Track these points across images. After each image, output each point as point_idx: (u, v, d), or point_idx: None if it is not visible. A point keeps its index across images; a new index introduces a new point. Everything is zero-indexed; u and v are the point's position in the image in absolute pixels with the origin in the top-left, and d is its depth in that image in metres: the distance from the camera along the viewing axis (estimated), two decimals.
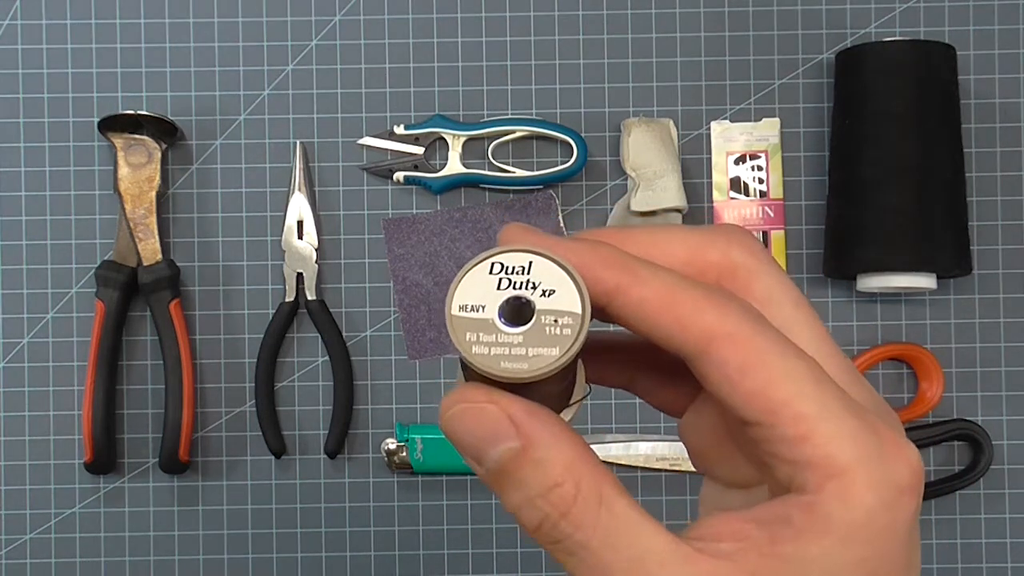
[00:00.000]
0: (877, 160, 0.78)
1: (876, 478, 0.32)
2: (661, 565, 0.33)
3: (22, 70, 0.84)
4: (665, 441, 0.83)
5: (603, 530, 0.34)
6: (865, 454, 0.32)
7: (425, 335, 0.83)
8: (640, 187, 0.82)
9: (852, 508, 0.32)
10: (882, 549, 0.32)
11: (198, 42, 0.84)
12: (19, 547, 0.83)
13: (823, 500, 0.32)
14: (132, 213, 0.82)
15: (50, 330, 0.83)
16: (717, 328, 0.32)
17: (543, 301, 0.32)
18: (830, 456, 0.31)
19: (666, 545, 0.34)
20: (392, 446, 0.82)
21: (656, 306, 0.32)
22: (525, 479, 0.32)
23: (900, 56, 0.78)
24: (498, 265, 0.33)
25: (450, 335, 0.32)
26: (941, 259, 0.78)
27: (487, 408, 0.32)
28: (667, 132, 0.83)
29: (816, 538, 0.32)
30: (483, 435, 0.32)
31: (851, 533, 0.32)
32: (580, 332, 0.32)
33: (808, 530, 0.32)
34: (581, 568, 0.33)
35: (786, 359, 0.32)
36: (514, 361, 0.32)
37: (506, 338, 0.32)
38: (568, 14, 0.84)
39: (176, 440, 0.81)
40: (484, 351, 0.32)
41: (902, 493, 0.32)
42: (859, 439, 0.32)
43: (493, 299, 0.32)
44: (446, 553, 0.83)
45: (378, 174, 0.84)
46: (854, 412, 0.32)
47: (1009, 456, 0.83)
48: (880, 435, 0.32)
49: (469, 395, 0.32)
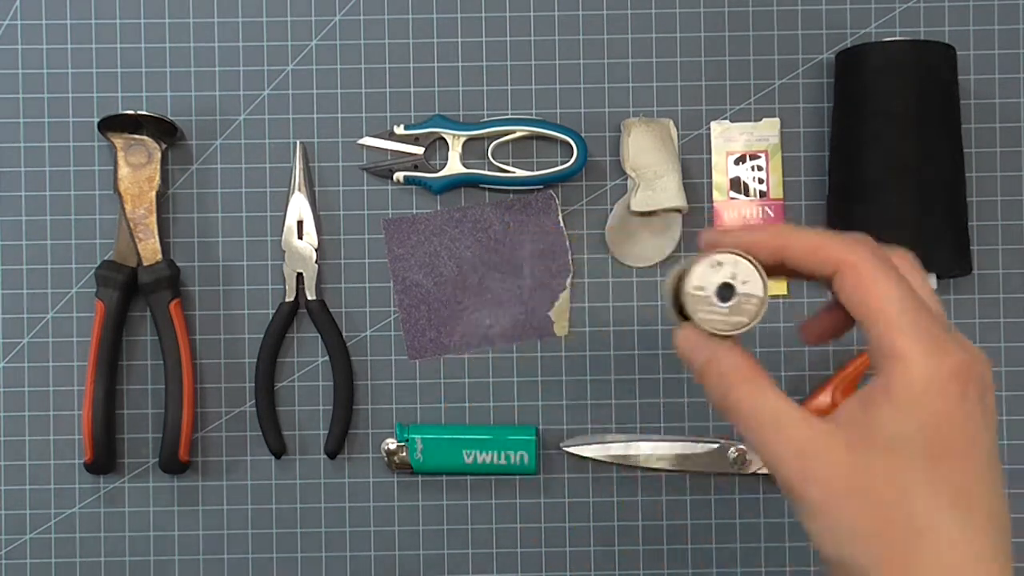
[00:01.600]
0: (877, 160, 0.78)
1: (929, 364, 0.47)
2: (790, 421, 0.50)
3: (22, 70, 0.84)
4: (665, 441, 0.83)
5: (752, 401, 0.52)
6: (922, 348, 0.47)
7: (425, 335, 0.83)
8: (640, 187, 0.82)
9: (909, 383, 0.48)
10: (938, 419, 0.47)
11: (198, 42, 0.84)
12: (19, 547, 0.83)
13: (892, 378, 0.48)
14: (132, 213, 0.82)
15: (50, 330, 0.83)
16: (843, 259, 0.51)
17: (741, 287, 0.55)
18: (899, 347, 0.48)
19: (795, 412, 0.51)
20: (392, 446, 0.82)
21: (805, 250, 0.52)
22: (711, 374, 0.54)
23: (900, 56, 0.78)
24: (716, 262, 0.56)
25: (686, 305, 0.56)
26: (941, 259, 0.78)
27: (697, 338, 0.55)
28: (667, 132, 0.83)
29: (886, 406, 0.48)
30: (694, 349, 0.55)
31: (910, 402, 0.47)
32: (761, 309, 0.55)
33: (882, 401, 0.48)
34: (740, 424, 0.52)
35: (883, 284, 0.49)
36: (721, 324, 0.56)
37: (718, 309, 0.56)
38: (568, 14, 0.84)
39: (176, 440, 0.81)
40: (705, 316, 0.56)
41: (951, 378, 0.47)
42: (921, 340, 0.47)
43: (712, 284, 0.56)
44: (446, 553, 0.83)
45: (378, 174, 0.84)
46: (923, 324, 0.48)
47: (1009, 456, 0.83)
48: (936, 340, 0.47)
49: (690, 332, 0.55)
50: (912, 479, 0.48)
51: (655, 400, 0.83)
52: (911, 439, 0.48)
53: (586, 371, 0.83)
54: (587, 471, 0.83)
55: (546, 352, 0.83)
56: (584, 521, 0.83)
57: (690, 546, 0.83)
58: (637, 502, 0.83)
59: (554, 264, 0.84)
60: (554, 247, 0.84)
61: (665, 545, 0.83)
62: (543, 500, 0.83)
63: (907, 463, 0.48)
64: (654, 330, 0.83)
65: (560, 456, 0.83)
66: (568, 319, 0.84)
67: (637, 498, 0.83)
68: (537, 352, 0.83)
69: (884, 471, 0.48)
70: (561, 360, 0.83)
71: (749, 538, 0.83)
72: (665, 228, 0.83)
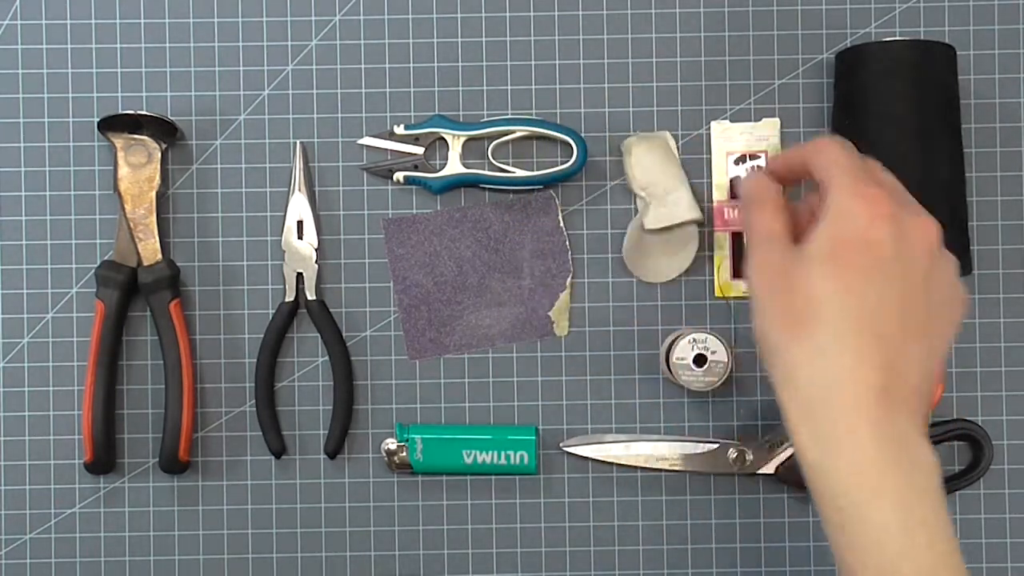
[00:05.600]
0: (877, 160, 0.78)
1: (846, 197, 0.63)
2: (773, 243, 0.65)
3: (22, 70, 0.84)
4: (665, 441, 0.83)
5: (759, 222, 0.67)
6: (847, 190, 0.63)
7: (425, 335, 0.83)
8: (652, 205, 0.82)
9: (829, 209, 0.63)
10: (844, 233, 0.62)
11: (198, 42, 0.84)
12: (19, 547, 0.83)
13: (824, 210, 0.63)
14: (132, 213, 0.82)
15: (50, 330, 0.83)
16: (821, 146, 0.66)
17: (712, 356, 0.79)
18: (832, 189, 0.63)
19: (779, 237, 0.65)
20: (392, 446, 0.82)
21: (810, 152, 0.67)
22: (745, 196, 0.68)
23: (901, 56, 0.78)
24: (693, 339, 0.79)
25: (671, 371, 0.79)
26: None
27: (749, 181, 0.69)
28: (667, 145, 0.83)
29: (815, 227, 0.63)
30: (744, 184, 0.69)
31: (827, 221, 0.63)
32: (727, 370, 0.79)
33: (815, 225, 0.63)
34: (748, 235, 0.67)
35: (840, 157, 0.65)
36: (697, 383, 0.79)
37: (695, 372, 0.79)
38: (568, 14, 0.84)
39: (176, 440, 0.81)
40: (687, 377, 0.79)
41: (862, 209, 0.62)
42: (849, 185, 0.63)
43: (689, 354, 0.79)
44: (446, 553, 0.83)
45: (378, 174, 0.84)
46: (858, 179, 0.63)
47: (1009, 456, 0.83)
48: (862, 188, 0.63)
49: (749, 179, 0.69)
50: (815, 273, 0.62)
51: (655, 400, 0.83)
52: (821, 247, 0.62)
53: (586, 371, 0.83)
54: (587, 471, 0.83)
55: (546, 352, 0.84)
56: (584, 521, 0.83)
57: (690, 546, 0.83)
58: (637, 502, 0.83)
59: (554, 264, 0.84)
60: (554, 247, 0.84)
61: (665, 545, 0.83)
62: (543, 500, 0.83)
63: (815, 264, 0.62)
64: (654, 330, 0.83)
65: (560, 456, 0.83)
66: (568, 319, 0.84)
67: (637, 498, 0.83)
68: (537, 352, 0.83)
69: (800, 270, 0.63)
70: (561, 360, 0.83)
71: (749, 538, 0.83)
72: (682, 241, 0.83)
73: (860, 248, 0.62)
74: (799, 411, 0.63)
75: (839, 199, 0.63)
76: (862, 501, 0.60)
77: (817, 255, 0.63)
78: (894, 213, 0.63)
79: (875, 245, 0.62)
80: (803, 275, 0.63)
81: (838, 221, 0.63)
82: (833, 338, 0.62)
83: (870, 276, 0.62)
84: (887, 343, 0.62)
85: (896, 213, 0.63)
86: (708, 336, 0.79)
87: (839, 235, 0.63)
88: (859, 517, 0.61)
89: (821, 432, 0.62)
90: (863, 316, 0.62)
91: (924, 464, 0.62)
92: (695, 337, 0.79)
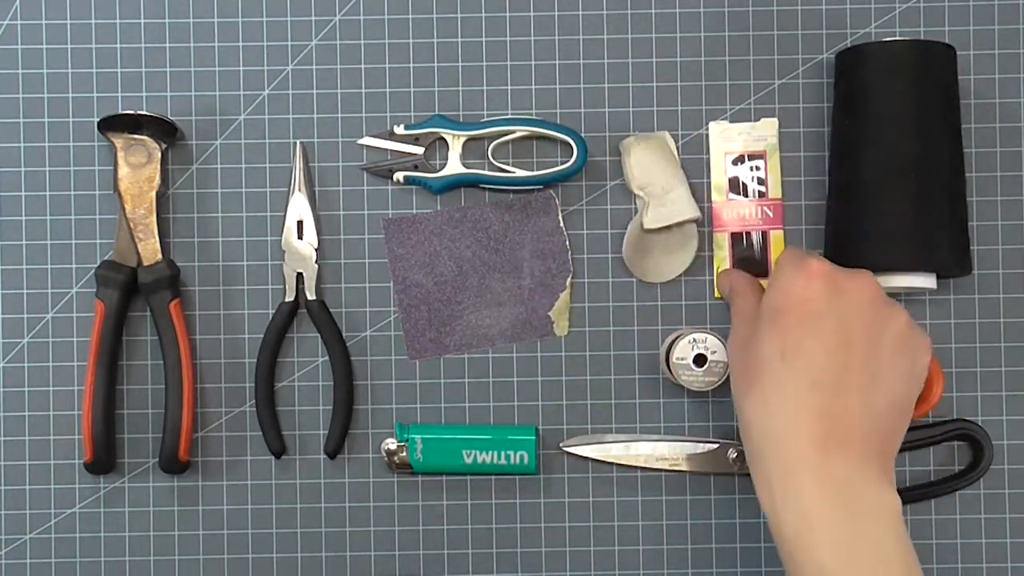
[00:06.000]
0: (877, 160, 0.78)
1: (787, 268, 0.70)
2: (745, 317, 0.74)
3: (22, 70, 0.84)
4: (665, 441, 0.83)
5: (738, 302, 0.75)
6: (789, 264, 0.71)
7: (425, 335, 0.83)
8: (651, 204, 0.82)
9: (774, 279, 0.71)
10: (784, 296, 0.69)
11: (198, 42, 0.84)
12: (19, 547, 0.83)
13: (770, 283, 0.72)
14: (132, 213, 0.82)
15: (50, 330, 0.83)
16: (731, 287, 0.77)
17: (711, 356, 0.79)
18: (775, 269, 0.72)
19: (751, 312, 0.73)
20: (392, 446, 0.82)
21: (726, 290, 0.78)
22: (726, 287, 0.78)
23: (901, 56, 0.78)
24: (693, 339, 0.79)
25: (671, 371, 0.80)
26: (941, 259, 0.78)
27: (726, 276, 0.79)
28: (666, 145, 0.83)
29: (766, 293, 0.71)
30: (724, 281, 0.79)
31: (771, 289, 0.71)
32: (726, 370, 0.79)
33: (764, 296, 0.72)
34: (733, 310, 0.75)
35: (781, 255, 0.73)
36: (697, 384, 0.80)
37: (695, 372, 0.80)
38: (568, 14, 0.84)
39: (176, 440, 0.81)
40: (687, 378, 0.80)
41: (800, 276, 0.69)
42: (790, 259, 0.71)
43: (689, 356, 0.79)
44: (446, 553, 0.83)
45: (378, 174, 0.84)
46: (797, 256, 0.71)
47: (1009, 456, 0.83)
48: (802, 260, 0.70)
49: (725, 274, 0.79)
50: (762, 335, 0.69)
51: (655, 400, 0.83)
52: (766, 309, 0.70)
53: (586, 371, 0.83)
54: (587, 471, 0.83)
55: (546, 352, 0.84)
56: (584, 521, 0.83)
57: (690, 546, 0.83)
58: (637, 502, 0.83)
59: (554, 264, 0.84)
60: (554, 247, 0.84)
61: (665, 545, 0.83)
62: (543, 500, 0.83)
63: (762, 327, 0.69)
64: (654, 330, 0.83)
65: (560, 456, 0.83)
66: (568, 319, 0.84)
67: (637, 498, 0.83)
68: (537, 352, 0.83)
69: (751, 334, 0.70)
70: (561, 360, 0.83)
71: (749, 538, 0.83)
72: (682, 240, 0.83)
73: (796, 308, 0.69)
74: (752, 460, 0.69)
75: (779, 272, 0.71)
76: (804, 543, 0.65)
77: (762, 319, 0.70)
78: (828, 272, 0.69)
79: (809, 302, 0.69)
80: (755, 338, 0.70)
81: (778, 288, 0.70)
82: (774, 391, 0.68)
83: (805, 330, 0.68)
84: (825, 392, 0.67)
85: (830, 272, 0.69)
86: (708, 336, 0.79)
87: (779, 299, 0.70)
88: (802, 558, 0.65)
89: (769, 478, 0.67)
90: (802, 369, 0.67)
91: (871, 505, 0.66)
92: (695, 337, 0.79)
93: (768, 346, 0.69)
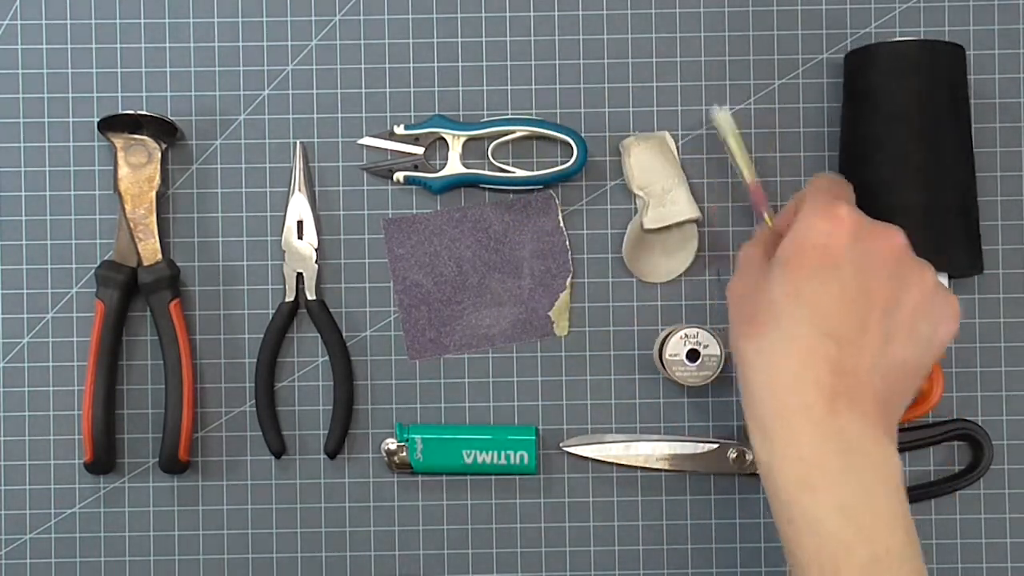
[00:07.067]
0: (888, 161, 0.78)
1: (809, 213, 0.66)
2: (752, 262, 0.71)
3: (22, 70, 0.84)
4: (665, 441, 0.83)
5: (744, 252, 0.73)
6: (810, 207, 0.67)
7: (425, 335, 0.83)
8: (650, 205, 0.82)
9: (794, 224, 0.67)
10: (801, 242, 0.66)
11: (198, 42, 0.84)
12: (19, 547, 0.83)
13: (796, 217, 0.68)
14: (132, 213, 0.82)
15: (50, 330, 0.83)
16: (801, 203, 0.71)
17: (704, 351, 0.79)
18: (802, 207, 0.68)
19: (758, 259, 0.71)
20: (392, 446, 0.82)
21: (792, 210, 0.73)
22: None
23: (911, 56, 0.78)
24: (684, 335, 0.79)
25: (665, 366, 0.79)
26: (954, 260, 0.78)
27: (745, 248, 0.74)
28: (666, 145, 0.83)
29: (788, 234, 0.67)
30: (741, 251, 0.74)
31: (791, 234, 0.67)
32: (720, 364, 0.79)
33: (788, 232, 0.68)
34: None
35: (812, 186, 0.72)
36: (692, 379, 0.79)
37: (689, 368, 0.79)
38: (568, 14, 0.84)
39: (176, 440, 0.81)
40: (680, 373, 0.79)
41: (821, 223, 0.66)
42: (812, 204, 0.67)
43: (682, 350, 0.79)
44: (446, 553, 0.83)
45: (378, 174, 0.84)
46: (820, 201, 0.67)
47: (1009, 456, 0.83)
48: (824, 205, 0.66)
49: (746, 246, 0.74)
50: (774, 278, 0.66)
51: (655, 400, 0.83)
52: (781, 254, 0.66)
53: (586, 371, 0.83)
54: (587, 471, 0.83)
55: (546, 352, 0.84)
56: (584, 521, 0.83)
57: (690, 546, 0.83)
58: (637, 502, 0.83)
59: (554, 264, 0.84)
60: (554, 247, 0.84)
61: (665, 545, 0.83)
62: (543, 500, 0.83)
63: (775, 270, 0.66)
64: (654, 330, 0.83)
65: (560, 456, 0.83)
66: (568, 319, 0.84)
67: (637, 498, 0.83)
68: (537, 352, 0.83)
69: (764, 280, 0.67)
70: (561, 360, 0.83)
71: (749, 538, 0.83)
72: (682, 240, 0.83)
73: (815, 253, 0.65)
74: (751, 410, 0.66)
75: (805, 214, 0.67)
76: (804, 497, 0.62)
77: (777, 262, 0.66)
78: (855, 221, 0.66)
79: (831, 249, 0.65)
80: (765, 283, 0.66)
81: (800, 231, 0.66)
82: (782, 337, 0.64)
83: (824, 279, 0.65)
84: (838, 344, 0.64)
85: (857, 222, 0.66)
86: (699, 331, 0.79)
87: (798, 242, 0.66)
88: (801, 512, 0.62)
89: (769, 430, 0.64)
90: (815, 317, 0.64)
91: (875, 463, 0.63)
92: (686, 332, 0.79)
93: (780, 289, 0.65)
